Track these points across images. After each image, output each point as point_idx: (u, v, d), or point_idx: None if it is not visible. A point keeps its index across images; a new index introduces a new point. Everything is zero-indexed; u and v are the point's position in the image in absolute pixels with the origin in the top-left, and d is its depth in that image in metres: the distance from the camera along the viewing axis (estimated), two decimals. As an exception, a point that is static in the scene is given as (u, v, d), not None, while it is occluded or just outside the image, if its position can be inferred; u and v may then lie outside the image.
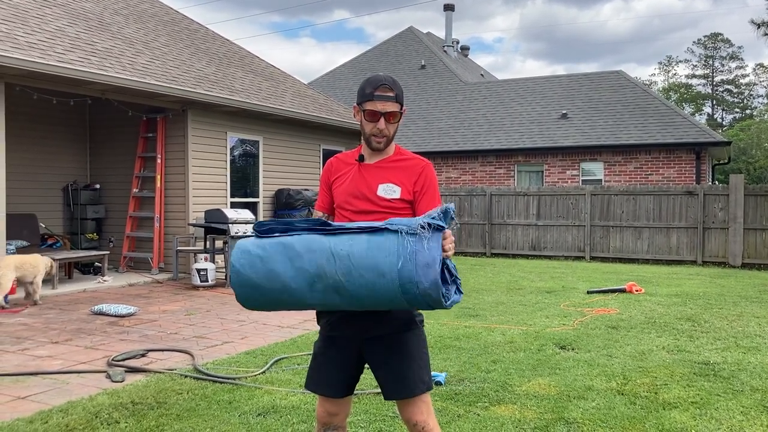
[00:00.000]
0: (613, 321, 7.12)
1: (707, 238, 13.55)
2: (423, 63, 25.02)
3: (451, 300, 2.14)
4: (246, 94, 11.63)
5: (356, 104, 2.56)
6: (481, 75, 30.71)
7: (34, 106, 10.39)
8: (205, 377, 4.75)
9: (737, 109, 56.38)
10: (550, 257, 14.95)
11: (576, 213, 14.76)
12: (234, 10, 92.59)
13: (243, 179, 11.90)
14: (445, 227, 2.16)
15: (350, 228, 2.24)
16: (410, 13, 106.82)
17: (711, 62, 56.27)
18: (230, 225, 9.59)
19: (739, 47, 56.41)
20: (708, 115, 56.31)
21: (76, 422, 3.81)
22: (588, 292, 9.38)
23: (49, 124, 11.36)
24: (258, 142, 12.11)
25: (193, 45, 13.25)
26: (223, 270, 10.26)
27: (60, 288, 9.08)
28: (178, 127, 10.74)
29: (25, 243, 10.11)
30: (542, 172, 18.75)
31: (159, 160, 10.75)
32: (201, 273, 9.48)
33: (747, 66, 69.54)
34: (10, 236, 9.22)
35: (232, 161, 11.54)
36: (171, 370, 4.95)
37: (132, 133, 11.24)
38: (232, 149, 11.56)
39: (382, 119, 2.48)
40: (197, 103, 10.53)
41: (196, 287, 9.51)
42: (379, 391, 3.22)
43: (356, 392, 3.40)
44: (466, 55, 32.14)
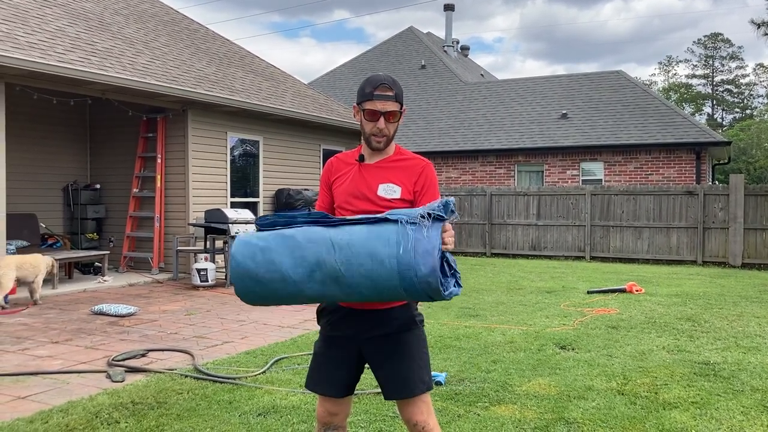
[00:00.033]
0: (614, 321, 7.13)
1: (707, 238, 13.55)
2: (423, 63, 25.02)
3: (449, 291, 2.13)
4: (246, 94, 11.63)
5: (356, 104, 2.56)
6: (481, 75, 30.71)
7: (35, 106, 10.39)
8: (205, 377, 4.75)
9: (737, 109, 56.39)
10: (550, 257, 14.95)
11: (576, 213, 14.76)
12: (234, 10, 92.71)
13: (243, 179, 11.90)
14: (445, 217, 2.16)
15: (351, 219, 2.25)
16: (410, 13, 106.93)
17: (711, 62, 56.29)
18: (230, 225, 9.60)
19: (739, 47, 56.51)
20: (708, 115, 56.32)
21: (77, 422, 3.81)
22: (588, 292, 9.38)
23: (50, 124, 11.36)
24: (258, 142, 12.11)
25: (194, 45, 13.26)
26: (223, 270, 10.26)
27: (60, 288, 9.08)
28: (178, 127, 10.74)
29: (25, 243, 10.11)
30: (542, 172, 18.75)
31: (159, 160, 10.75)
32: (201, 273, 9.48)
33: (747, 66, 69.70)
34: (10, 236, 9.22)
35: (232, 161, 11.55)
36: (171, 370, 4.96)
37: (132, 133, 11.25)
38: (232, 149, 11.57)
39: (382, 119, 2.47)
40: (197, 103, 10.54)
41: (196, 287, 9.51)
42: (379, 391, 3.22)
43: (356, 392, 3.39)
44: (466, 55, 32.13)
